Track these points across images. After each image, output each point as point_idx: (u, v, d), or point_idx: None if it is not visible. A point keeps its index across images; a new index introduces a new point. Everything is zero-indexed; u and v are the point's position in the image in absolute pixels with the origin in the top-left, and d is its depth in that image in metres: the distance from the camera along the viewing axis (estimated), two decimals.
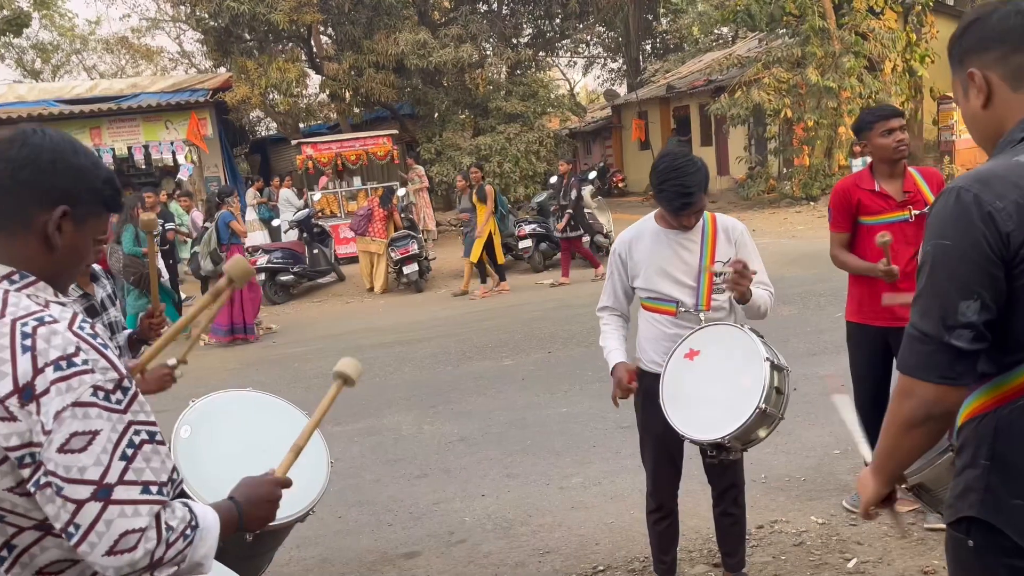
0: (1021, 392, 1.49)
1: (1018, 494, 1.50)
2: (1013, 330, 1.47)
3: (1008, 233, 1.41)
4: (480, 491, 4.83)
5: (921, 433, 1.53)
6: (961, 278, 1.43)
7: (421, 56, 17.06)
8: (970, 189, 1.45)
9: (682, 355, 2.98)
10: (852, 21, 15.55)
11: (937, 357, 1.45)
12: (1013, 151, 1.50)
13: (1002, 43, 1.53)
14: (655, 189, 3.00)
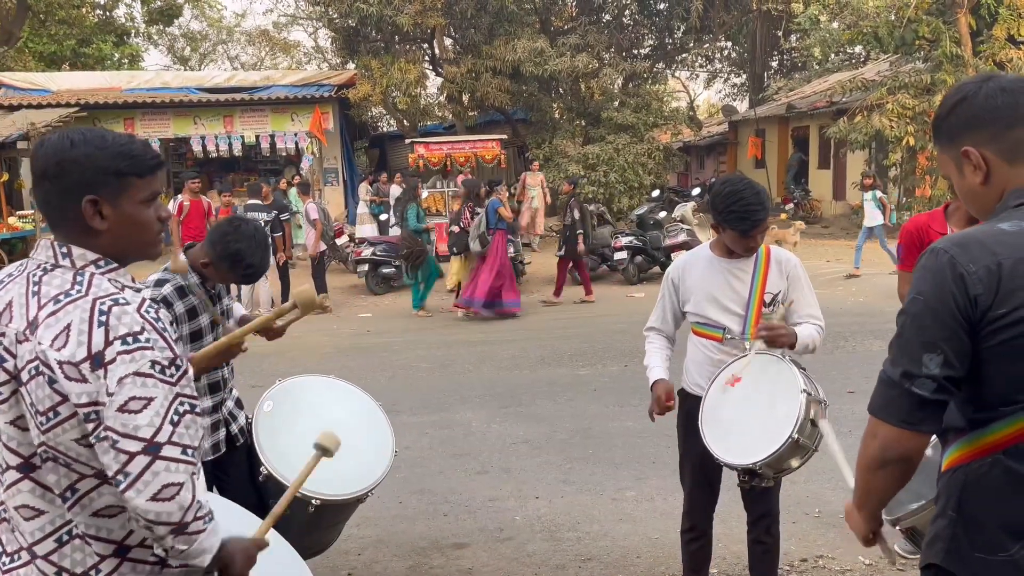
0: (989, 450, 1.55)
1: (980, 547, 1.55)
2: (984, 389, 1.53)
3: (976, 296, 1.47)
4: (535, 493, 4.99)
5: (885, 474, 1.60)
6: (927, 332, 1.50)
7: (537, 64, 17.32)
8: (948, 251, 1.52)
9: (724, 381, 3.06)
10: (990, 49, 14.75)
11: (900, 401, 1.52)
12: (998, 219, 1.56)
13: (994, 122, 1.58)
14: (721, 214, 3.07)
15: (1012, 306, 1.46)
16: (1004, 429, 1.52)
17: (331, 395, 3.45)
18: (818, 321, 3.18)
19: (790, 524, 4.29)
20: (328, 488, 3.02)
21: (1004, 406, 1.51)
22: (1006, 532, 1.53)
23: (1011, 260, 1.47)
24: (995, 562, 1.54)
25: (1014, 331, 1.47)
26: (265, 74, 20.87)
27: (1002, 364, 1.49)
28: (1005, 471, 1.52)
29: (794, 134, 23.31)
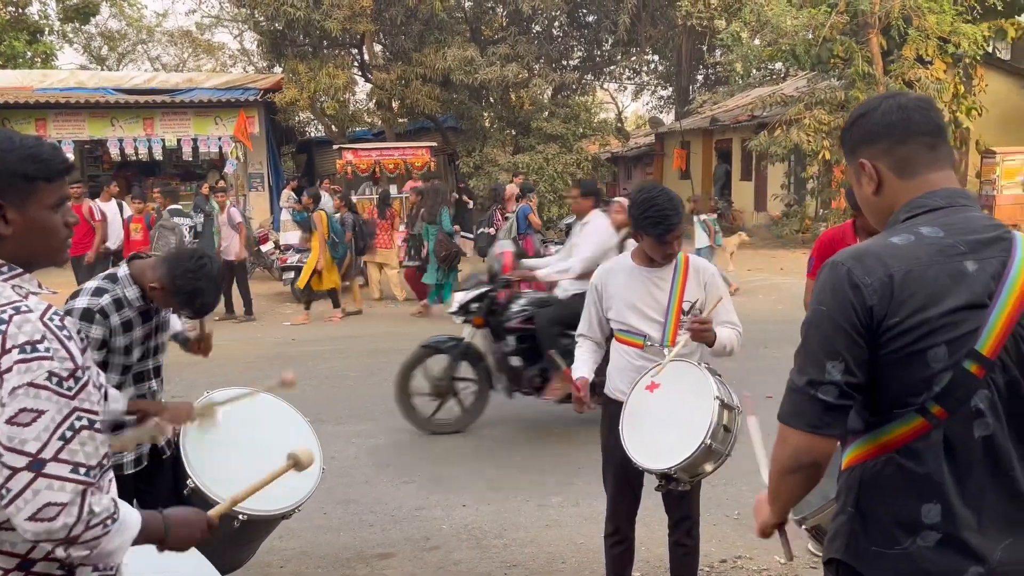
0: (884, 449, 1.63)
1: (875, 542, 1.64)
2: (880, 394, 1.61)
3: (871, 307, 1.55)
4: (462, 501, 4.98)
5: (795, 479, 1.68)
6: (830, 341, 1.58)
7: (467, 72, 17.40)
8: (845, 264, 1.60)
9: (644, 387, 3.13)
10: (900, 68, 15.48)
11: (806, 407, 1.59)
12: (891, 232, 1.64)
13: (887, 136, 1.67)
14: (638, 220, 3.16)
15: (903, 315, 1.54)
16: (897, 430, 1.61)
17: (258, 408, 3.37)
18: (736, 327, 3.29)
19: (711, 526, 4.41)
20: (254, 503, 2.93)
21: (897, 408, 1.60)
22: (899, 526, 1.61)
23: (901, 272, 1.55)
24: (890, 555, 1.62)
25: (906, 339, 1.55)
26: (188, 76, 20.36)
27: (896, 370, 1.57)
28: (898, 469, 1.61)
29: (718, 146, 23.98)
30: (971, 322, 1.54)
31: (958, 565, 1.58)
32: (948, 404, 1.56)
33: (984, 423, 1.57)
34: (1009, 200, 16.09)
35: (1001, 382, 1.57)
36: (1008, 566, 1.60)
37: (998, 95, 17.48)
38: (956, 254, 1.56)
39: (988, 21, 15.35)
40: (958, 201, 1.64)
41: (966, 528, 1.58)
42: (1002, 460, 1.59)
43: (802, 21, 15.68)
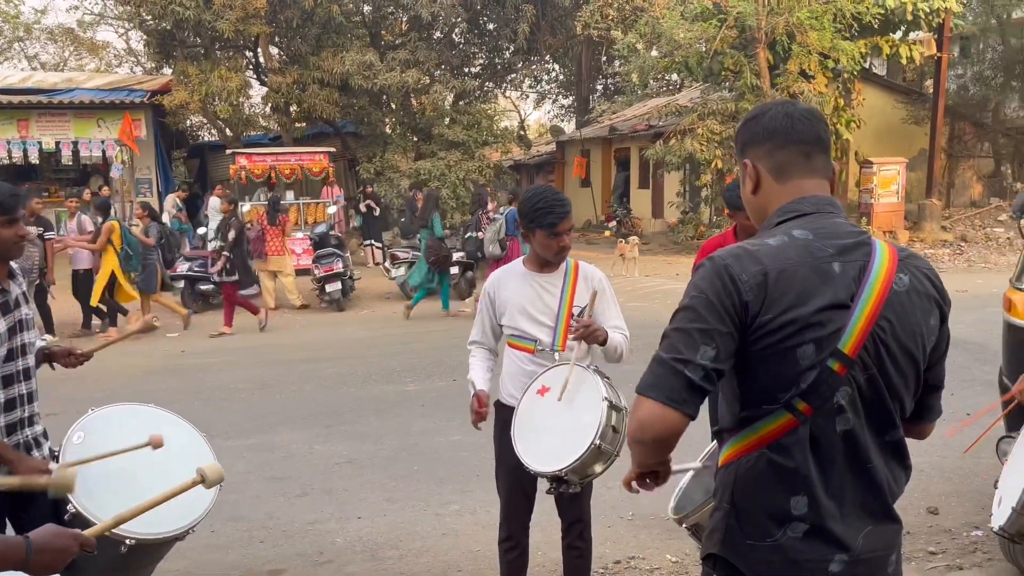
0: (756, 446, 1.67)
1: (750, 535, 1.68)
2: (751, 390, 1.66)
3: (747, 302, 1.60)
4: (357, 513, 4.88)
5: (640, 450, 1.69)
6: (706, 326, 1.61)
7: (367, 77, 17.17)
8: (724, 259, 1.65)
9: (535, 391, 3.13)
10: (785, 82, 16.18)
11: (669, 381, 1.60)
12: (768, 233, 1.71)
13: (770, 140, 1.75)
14: (529, 216, 3.18)
15: (775, 312, 1.59)
16: (768, 426, 1.65)
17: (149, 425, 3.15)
18: (624, 331, 3.33)
19: (605, 528, 4.46)
20: (143, 526, 2.68)
21: (767, 404, 1.64)
22: (771, 519, 1.66)
23: (775, 271, 1.60)
24: (763, 547, 1.67)
25: (777, 336, 1.60)
26: (67, 76, 19.31)
27: (767, 366, 1.62)
28: (769, 464, 1.66)
29: (617, 155, 24.49)
30: (836, 322, 1.60)
31: (824, 554, 1.65)
32: (813, 400, 1.62)
33: (845, 418, 1.64)
34: (885, 208, 17.05)
35: (861, 379, 1.63)
36: (868, 552, 1.68)
37: (875, 108, 18.55)
38: (824, 256, 1.63)
39: (865, 39, 16.25)
40: (825, 208, 1.71)
41: (830, 518, 1.65)
42: (861, 453, 1.67)
43: (694, 34, 16.19)
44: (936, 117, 17.62)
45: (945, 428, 6.08)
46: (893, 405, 1.69)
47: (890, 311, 1.64)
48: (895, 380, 1.67)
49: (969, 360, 7.35)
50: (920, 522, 4.50)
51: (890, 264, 1.67)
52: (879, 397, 1.66)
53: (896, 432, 1.72)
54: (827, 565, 1.66)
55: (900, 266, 1.68)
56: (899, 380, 1.68)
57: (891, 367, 1.66)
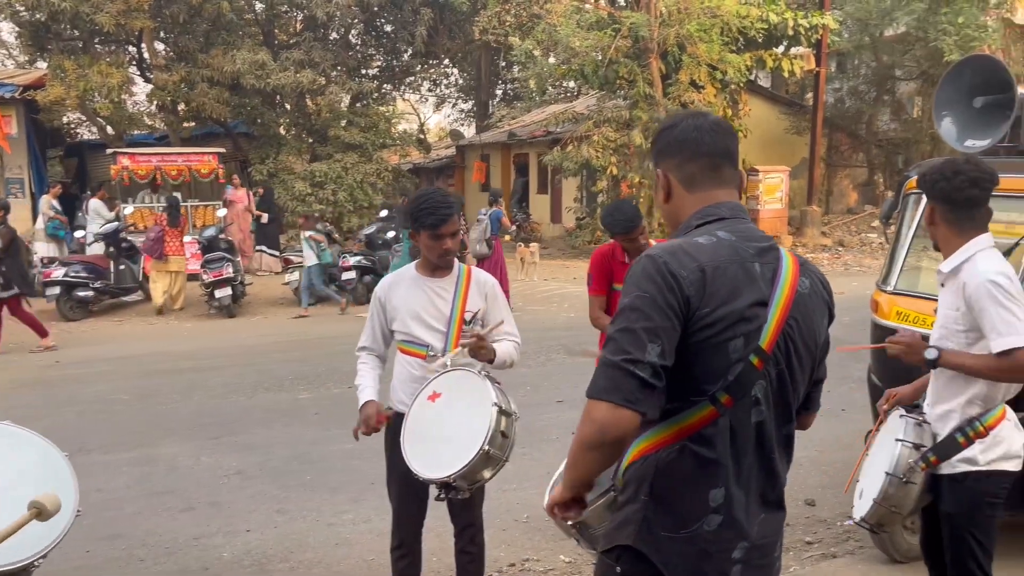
0: (677, 437, 1.71)
1: (666, 528, 1.72)
2: (682, 381, 1.68)
3: (688, 297, 1.65)
4: (246, 526, 4.71)
5: (596, 455, 1.68)
6: (652, 324, 1.63)
7: (259, 77, 16.67)
8: (662, 257, 1.69)
9: (425, 397, 3.09)
10: (676, 92, 16.70)
11: (624, 382, 1.61)
12: (691, 234, 1.76)
13: (680, 153, 1.82)
14: (414, 217, 3.16)
15: (712, 307, 1.66)
16: (691, 417, 1.70)
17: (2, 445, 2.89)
18: (515, 338, 3.34)
19: (500, 531, 4.47)
20: None
21: (695, 396, 1.69)
22: (690, 511, 1.71)
23: (711, 267, 1.67)
24: (678, 538, 1.71)
25: (714, 329, 1.66)
26: None
27: (702, 358, 1.67)
28: (691, 455, 1.70)
29: (516, 160, 24.68)
30: (760, 318, 1.70)
31: (731, 543, 1.72)
32: (736, 393, 1.69)
33: (759, 411, 1.73)
34: (770, 214, 17.84)
35: (773, 374, 1.73)
36: (761, 539, 1.76)
37: (760, 119, 19.38)
38: (748, 256, 1.72)
39: (750, 52, 16.96)
40: (739, 214, 1.81)
41: (739, 508, 1.72)
42: (767, 443, 1.76)
43: (590, 43, 16.50)
44: (815, 128, 18.58)
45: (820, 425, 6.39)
46: (793, 399, 1.80)
47: (796, 311, 1.74)
48: (798, 375, 1.78)
49: (845, 358, 7.76)
50: (799, 513, 4.71)
51: (795, 268, 1.78)
52: (784, 391, 1.76)
53: (791, 425, 1.83)
54: (731, 553, 1.72)
55: (802, 270, 1.80)
56: (800, 376, 1.79)
57: (796, 363, 1.76)
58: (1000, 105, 4.14)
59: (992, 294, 2.64)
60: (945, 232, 2.84)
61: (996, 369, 2.67)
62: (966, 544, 2.82)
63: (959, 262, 2.77)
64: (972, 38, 16.96)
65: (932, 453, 2.84)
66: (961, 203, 2.77)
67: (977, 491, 2.80)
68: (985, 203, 2.78)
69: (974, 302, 2.69)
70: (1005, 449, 2.79)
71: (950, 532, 2.89)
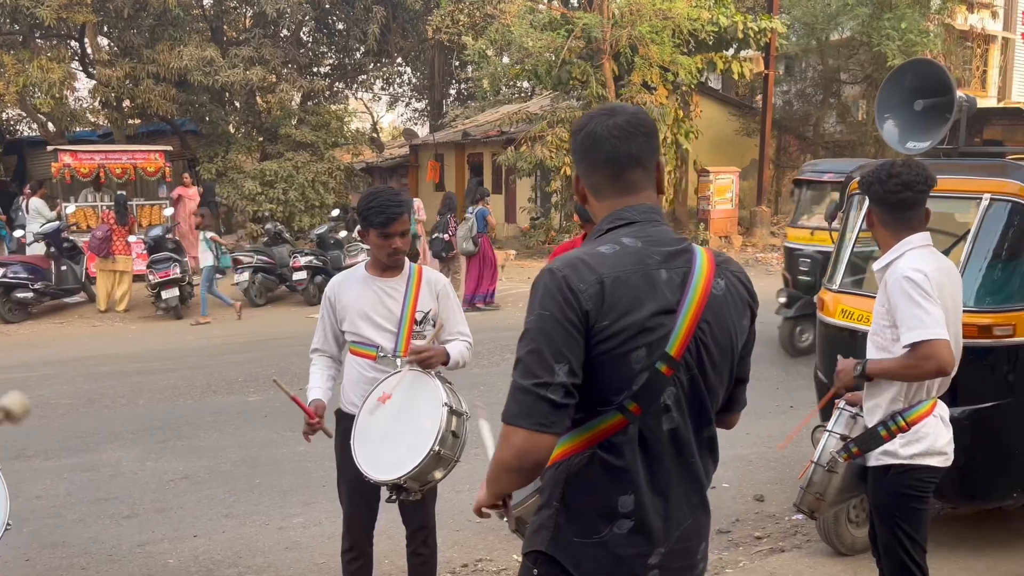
0: (587, 445, 1.70)
1: (577, 533, 1.71)
2: (590, 393, 1.67)
3: (588, 311, 1.63)
4: (193, 532, 4.62)
5: (516, 477, 1.69)
6: (556, 343, 1.62)
7: (207, 74, 16.35)
8: (562, 271, 1.66)
9: (376, 398, 3.06)
10: (629, 92, 16.83)
11: (535, 407, 1.61)
12: (596, 242, 1.74)
13: (585, 158, 1.80)
14: (364, 216, 3.13)
15: (612, 319, 1.63)
16: (600, 426, 1.69)
17: None
18: (467, 338, 3.33)
19: (453, 532, 4.45)
20: None
21: (602, 406, 1.68)
22: (599, 517, 1.70)
23: (611, 278, 1.64)
24: (589, 544, 1.70)
25: (615, 341, 1.63)
26: None
27: (604, 370, 1.66)
28: (600, 462, 1.69)
29: (470, 160, 24.63)
30: (665, 326, 1.66)
31: (644, 549, 1.71)
32: (643, 401, 1.67)
33: (671, 417, 1.71)
34: (721, 214, 18.10)
35: (684, 380, 1.71)
36: (682, 543, 1.75)
37: (711, 120, 19.66)
38: (653, 264, 1.69)
39: (701, 54, 17.19)
40: (651, 217, 1.76)
41: (653, 514, 1.71)
42: (685, 449, 1.74)
43: (544, 43, 16.55)
44: (765, 130, 18.91)
45: (770, 421, 6.49)
46: (710, 402, 1.77)
47: (709, 314, 1.71)
48: (713, 379, 1.75)
49: (792, 356, 7.91)
50: (747, 509, 4.78)
51: (709, 270, 1.74)
52: (699, 395, 1.73)
53: (712, 428, 1.80)
54: (647, 559, 1.71)
55: (717, 271, 1.75)
56: (716, 379, 1.76)
57: (710, 367, 1.73)
58: (940, 108, 4.26)
59: (904, 290, 2.74)
60: (882, 233, 2.93)
61: (906, 365, 2.76)
62: (895, 535, 2.90)
63: (888, 260, 2.87)
64: (914, 43, 17.45)
65: (854, 445, 2.93)
66: (895, 205, 2.85)
67: (900, 484, 2.88)
68: (920, 205, 2.87)
69: (891, 298, 2.80)
70: (928, 444, 2.86)
71: (879, 523, 2.99)
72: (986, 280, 3.86)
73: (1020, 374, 3.78)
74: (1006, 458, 3.85)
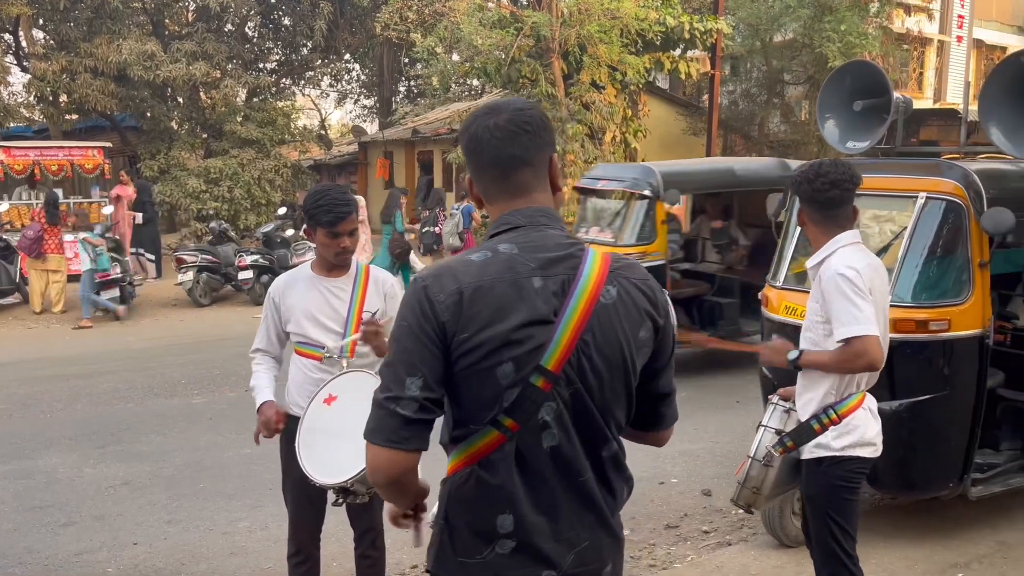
0: (468, 463, 1.63)
1: (461, 553, 1.65)
2: (459, 410, 1.63)
3: (444, 323, 1.56)
4: (134, 539, 4.50)
5: (388, 492, 1.66)
6: (409, 356, 1.56)
7: (147, 68, 15.92)
8: (424, 281, 1.61)
9: (321, 400, 3.00)
10: (578, 91, 16.91)
11: (386, 422, 1.56)
12: (474, 248, 1.67)
13: (471, 161, 1.72)
14: (311, 214, 3.05)
15: (472, 331, 1.55)
16: (478, 443, 1.61)
17: None
18: None
19: (403, 534, 4.37)
20: None
21: (474, 424, 1.61)
22: (479, 536, 1.63)
23: (471, 288, 1.56)
24: (472, 564, 1.63)
25: (475, 355, 1.56)
26: None
27: (470, 385, 1.58)
28: (478, 481, 1.61)
29: (420, 157, 24.50)
30: (537, 338, 1.56)
31: (531, 570, 1.63)
32: (518, 417, 1.58)
33: (551, 434, 1.61)
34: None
35: (566, 395, 1.60)
36: (579, 567, 1.66)
37: (659, 120, 19.89)
38: (524, 271, 1.59)
39: (649, 54, 17.35)
40: (538, 220, 1.66)
41: (538, 535, 1.62)
42: (572, 468, 1.63)
43: (493, 41, 16.51)
44: (711, 129, 19.19)
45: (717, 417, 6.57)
46: (604, 419, 1.65)
47: (595, 324, 1.60)
48: (602, 394, 1.63)
49: (738, 352, 8.05)
50: (696, 504, 4.84)
51: (599, 276, 1.62)
52: (587, 412, 1.63)
53: (611, 446, 1.68)
54: None
55: (610, 278, 1.63)
56: (608, 394, 1.64)
57: (595, 381, 1.61)
58: (878, 109, 4.37)
59: (839, 287, 2.82)
60: (813, 231, 3.02)
61: (840, 360, 2.84)
62: (826, 525, 2.98)
63: (821, 258, 2.97)
64: (854, 45, 17.90)
65: (789, 438, 3.01)
66: (824, 203, 2.94)
67: (832, 475, 2.96)
68: (847, 203, 2.95)
69: (825, 294, 2.88)
70: (859, 436, 2.95)
71: (811, 513, 3.07)
72: (922, 276, 3.98)
73: (955, 367, 3.90)
74: (943, 449, 3.97)
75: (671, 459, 5.41)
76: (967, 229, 3.89)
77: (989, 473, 4.18)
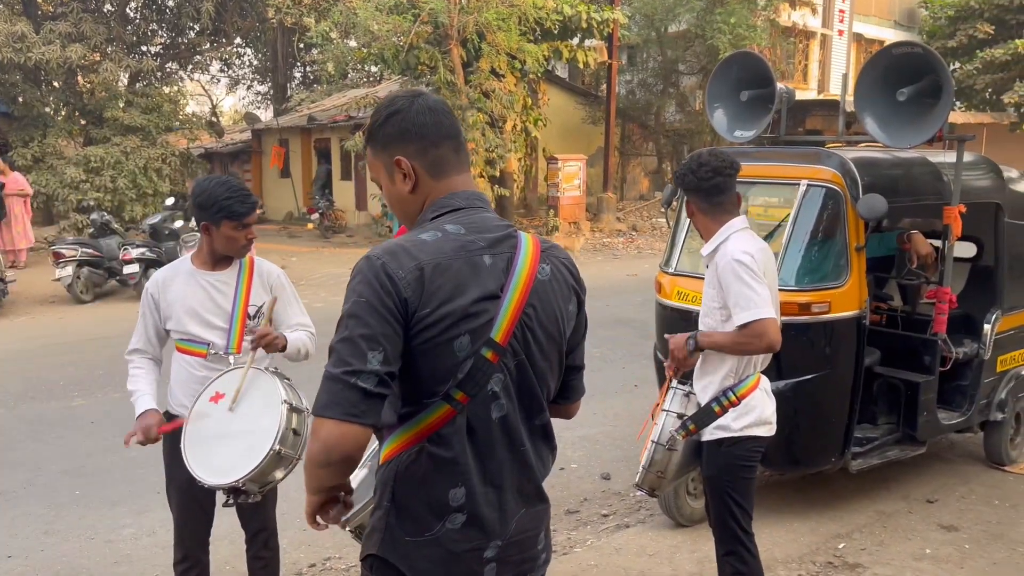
0: (415, 440, 1.65)
1: (409, 532, 1.66)
2: (413, 385, 1.63)
3: (406, 298, 1.57)
4: (7, 553, 4.21)
5: (327, 472, 1.60)
6: (371, 331, 1.55)
7: (18, 50, 14.91)
8: (380, 258, 1.60)
9: (208, 398, 2.87)
10: (478, 79, 16.85)
11: (344, 395, 1.53)
12: (419, 230, 1.68)
13: (421, 138, 1.71)
14: (217, 207, 2.90)
15: (433, 306, 1.59)
16: (427, 419, 1.64)
17: None
18: (309, 328, 3.19)
19: (300, 531, 4.29)
20: None
21: (428, 398, 1.63)
22: (431, 512, 1.65)
23: (431, 265, 1.60)
24: (422, 542, 1.65)
25: (435, 329, 1.59)
26: None
27: (427, 359, 1.61)
28: (429, 456, 1.64)
29: (317, 145, 23.91)
30: (488, 312, 1.63)
31: (479, 542, 1.68)
32: (469, 389, 1.63)
33: (500, 404, 1.68)
34: (570, 201, 18.52)
35: (512, 366, 1.68)
36: (519, 535, 1.74)
37: (559, 108, 20.07)
38: (476, 249, 1.66)
39: (547, 42, 17.46)
40: (475, 203, 1.74)
41: (486, 506, 1.68)
42: (515, 437, 1.71)
43: (390, 27, 16.24)
44: (609, 118, 19.52)
45: (616, 401, 6.68)
46: (541, 389, 1.74)
47: (535, 299, 1.69)
48: (541, 365, 1.73)
49: (636, 336, 8.20)
50: (595, 488, 4.91)
51: (534, 255, 1.72)
52: (528, 382, 1.71)
53: (544, 415, 1.78)
54: (482, 553, 1.69)
55: (543, 256, 1.74)
56: (544, 364, 1.74)
57: (537, 352, 1.71)
58: (763, 99, 4.51)
59: (736, 272, 2.91)
60: (703, 220, 3.09)
61: (738, 342, 2.94)
62: (726, 504, 3.08)
63: (715, 245, 3.05)
64: (743, 37, 18.53)
65: (691, 422, 3.09)
66: (709, 191, 3.02)
67: (732, 455, 3.06)
68: (730, 189, 3.04)
69: (722, 280, 2.96)
70: (757, 416, 3.06)
71: (711, 493, 3.16)
72: (805, 260, 4.13)
73: (836, 347, 4.08)
74: (825, 426, 4.15)
75: (571, 444, 5.47)
76: (844, 215, 4.06)
77: (868, 447, 4.40)
